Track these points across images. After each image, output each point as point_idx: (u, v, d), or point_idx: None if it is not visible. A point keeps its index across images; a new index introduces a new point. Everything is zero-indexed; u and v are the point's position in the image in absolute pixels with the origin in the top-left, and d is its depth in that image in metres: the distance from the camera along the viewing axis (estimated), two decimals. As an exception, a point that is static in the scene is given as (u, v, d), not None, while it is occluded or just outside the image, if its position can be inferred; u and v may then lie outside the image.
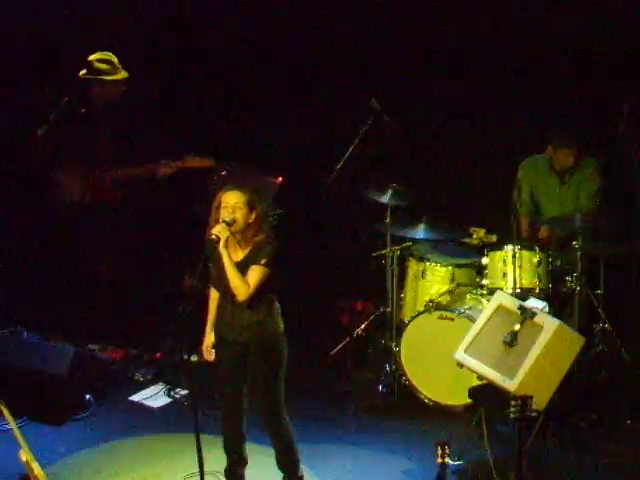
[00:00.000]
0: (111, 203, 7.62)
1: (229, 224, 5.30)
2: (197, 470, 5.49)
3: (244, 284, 5.33)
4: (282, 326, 5.54)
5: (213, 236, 5.28)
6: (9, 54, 8.08)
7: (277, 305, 5.55)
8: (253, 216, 5.38)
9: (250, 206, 5.37)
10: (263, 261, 5.35)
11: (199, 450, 5.25)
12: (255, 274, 5.35)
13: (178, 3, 8.28)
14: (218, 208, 5.39)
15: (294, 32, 8.21)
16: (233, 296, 5.39)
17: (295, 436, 5.64)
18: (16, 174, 8.00)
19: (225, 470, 5.68)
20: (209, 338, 5.65)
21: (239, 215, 5.33)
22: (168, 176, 7.55)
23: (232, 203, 5.35)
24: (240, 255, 5.43)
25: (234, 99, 8.38)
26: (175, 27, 8.28)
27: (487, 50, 7.86)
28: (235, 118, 8.35)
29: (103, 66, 7.49)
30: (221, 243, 5.30)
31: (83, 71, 7.52)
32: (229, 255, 5.34)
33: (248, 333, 5.46)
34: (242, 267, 5.38)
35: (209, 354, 5.65)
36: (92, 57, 7.53)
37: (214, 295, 5.63)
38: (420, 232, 7.19)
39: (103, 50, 7.58)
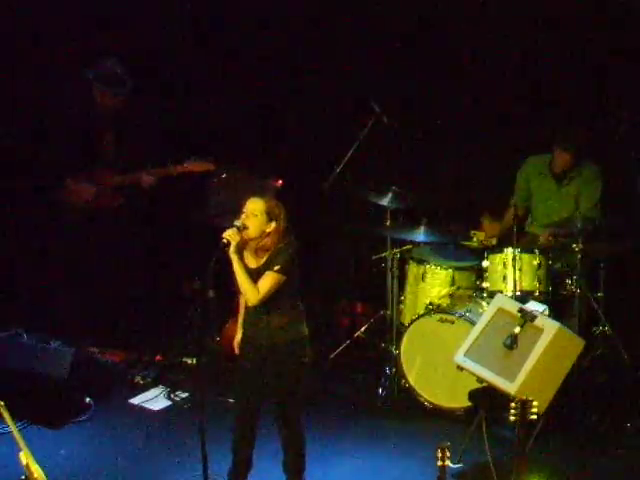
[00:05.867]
0: (111, 208, 7.63)
1: (239, 229, 5.33)
2: (197, 473, 5.51)
3: (253, 289, 5.35)
4: (303, 332, 5.53)
5: (224, 240, 5.30)
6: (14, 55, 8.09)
7: (299, 311, 5.54)
8: (273, 225, 5.39)
9: (269, 215, 5.38)
10: (276, 267, 5.36)
11: (204, 451, 5.27)
12: (266, 280, 5.36)
13: (179, 6, 8.29)
14: (241, 214, 5.43)
15: (294, 33, 8.21)
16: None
17: (305, 441, 5.65)
18: (20, 177, 8.01)
19: (229, 472, 5.67)
20: (238, 335, 5.70)
21: (253, 222, 5.35)
22: (153, 184, 7.56)
23: (249, 210, 5.39)
24: (256, 263, 5.45)
25: (234, 102, 8.38)
26: (176, 28, 8.28)
27: (487, 51, 7.86)
28: (235, 120, 8.35)
29: (106, 74, 7.50)
30: (231, 247, 5.32)
31: (88, 73, 7.54)
32: (239, 260, 5.36)
33: (269, 336, 5.47)
34: (258, 275, 5.39)
35: (238, 350, 5.70)
36: (99, 63, 7.54)
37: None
38: (420, 235, 7.19)
39: (111, 56, 7.60)
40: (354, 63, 8.18)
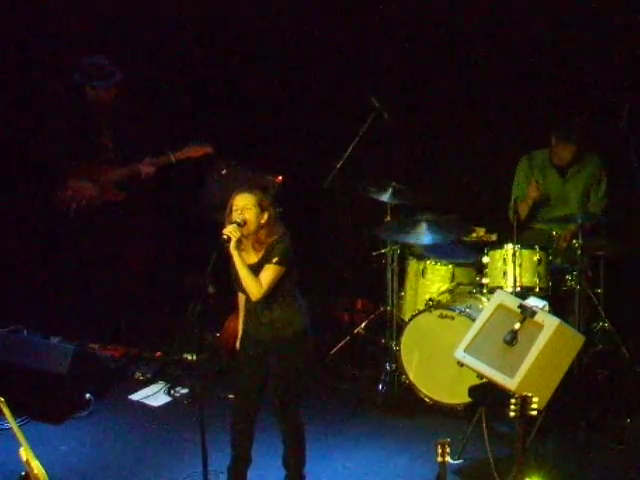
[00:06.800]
0: (114, 203, 7.62)
1: (240, 225, 5.32)
2: (197, 469, 5.52)
3: (256, 284, 5.35)
4: (305, 324, 5.53)
5: (224, 236, 5.30)
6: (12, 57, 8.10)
7: (300, 303, 5.54)
8: (265, 217, 5.39)
9: (261, 207, 5.39)
10: (275, 259, 5.36)
11: (203, 448, 5.27)
12: (268, 273, 5.36)
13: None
14: (230, 212, 5.41)
15: (294, 31, 8.20)
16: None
17: (305, 436, 5.66)
18: (21, 176, 8.02)
19: (228, 467, 5.68)
20: (240, 332, 5.70)
21: (249, 216, 5.35)
22: (154, 174, 7.55)
23: (242, 205, 5.38)
24: (255, 258, 5.44)
25: (234, 98, 8.38)
26: (175, 25, 8.28)
27: (488, 49, 7.85)
28: (235, 117, 8.35)
29: (94, 70, 7.49)
30: (232, 243, 5.31)
31: (76, 75, 7.53)
32: (240, 255, 5.36)
33: (268, 331, 5.48)
34: (258, 269, 5.39)
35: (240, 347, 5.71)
36: (84, 61, 7.53)
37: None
38: (421, 234, 7.12)
39: (97, 52, 7.60)
40: (355, 59, 8.17)
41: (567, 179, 7.39)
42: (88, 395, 6.81)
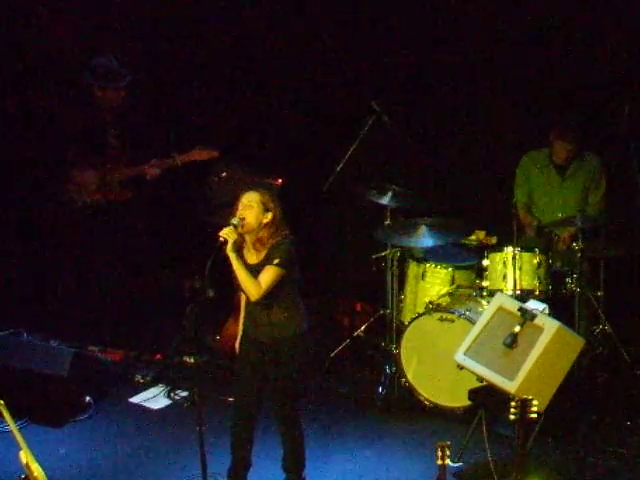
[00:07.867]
0: (119, 203, 7.61)
1: (236, 226, 5.31)
2: (197, 472, 5.51)
3: (255, 285, 5.33)
4: (304, 327, 5.52)
5: (221, 238, 5.28)
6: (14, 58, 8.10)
7: (300, 305, 5.53)
8: (269, 216, 5.39)
9: (265, 206, 5.38)
10: (276, 261, 5.34)
11: (202, 451, 5.27)
12: (268, 274, 5.35)
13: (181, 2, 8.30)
14: (236, 211, 5.41)
15: (294, 32, 8.21)
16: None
17: (304, 438, 5.66)
18: (25, 177, 8.03)
19: (228, 471, 5.68)
20: (240, 334, 5.70)
21: (249, 213, 5.35)
22: (158, 176, 7.55)
23: (245, 203, 5.38)
24: (256, 258, 5.43)
25: (234, 99, 8.38)
26: (177, 25, 8.28)
27: (488, 50, 7.85)
28: (236, 119, 8.35)
29: (103, 71, 7.49)
30: (228, 245, 5.30)
31: (86, 74, 7.54)
32: (237, 257, 5.34)
33: (267, 332, 5.47)
34: (258, 270, 5.37)
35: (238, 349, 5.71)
36: (94, 61, 7.54)
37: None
38: (420, 237, 7.12)
39: (106, 53, 7.60)
40: (355, 62, 8.17)
41: (566, 178, 7.39)
42: (88, 398, 6.81)
